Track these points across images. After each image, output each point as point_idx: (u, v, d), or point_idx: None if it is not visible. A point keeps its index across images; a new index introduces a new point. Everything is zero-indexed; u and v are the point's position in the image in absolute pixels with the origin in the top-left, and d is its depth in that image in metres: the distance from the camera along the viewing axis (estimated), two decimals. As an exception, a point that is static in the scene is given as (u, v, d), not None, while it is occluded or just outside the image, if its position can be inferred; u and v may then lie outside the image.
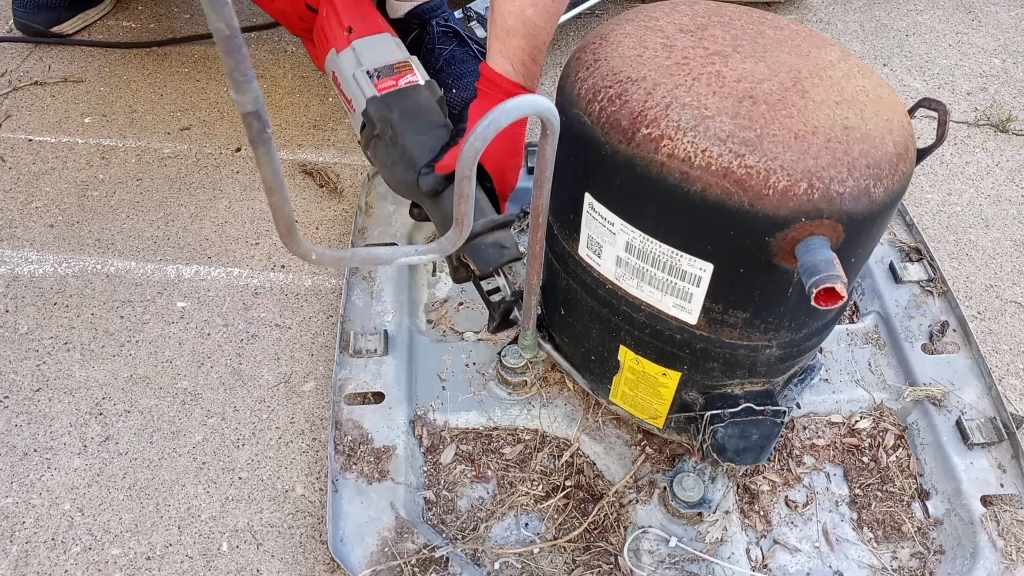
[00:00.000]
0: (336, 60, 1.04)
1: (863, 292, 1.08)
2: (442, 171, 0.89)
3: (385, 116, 0.95)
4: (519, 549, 0.84)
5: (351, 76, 1.00)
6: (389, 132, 0.95)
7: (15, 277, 1.10)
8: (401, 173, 0.94)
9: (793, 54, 0.65)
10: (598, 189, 0.67)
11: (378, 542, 0.81)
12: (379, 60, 1.01)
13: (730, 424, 0.76)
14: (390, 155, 0.95)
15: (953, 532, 0.86)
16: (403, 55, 1.03)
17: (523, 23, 0.87)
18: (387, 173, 0.98)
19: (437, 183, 0.89)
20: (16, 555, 0.84)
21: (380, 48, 1.03)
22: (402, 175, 0.94)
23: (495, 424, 0.93)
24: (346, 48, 1.03)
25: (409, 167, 0.93)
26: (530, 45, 0.88)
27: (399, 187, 0.97)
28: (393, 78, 0.98)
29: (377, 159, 0.99)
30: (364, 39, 1.03)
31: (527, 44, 0.88)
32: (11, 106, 1.36)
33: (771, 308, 0.67)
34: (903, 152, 0.62)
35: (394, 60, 1.01)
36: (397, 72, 0.99)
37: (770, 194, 0.58)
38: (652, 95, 0.61)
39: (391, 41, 1.05)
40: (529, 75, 0.90)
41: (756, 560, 0.84)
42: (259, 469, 0.91)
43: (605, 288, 0.74)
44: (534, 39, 0.88)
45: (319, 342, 1.04)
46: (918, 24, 1.63)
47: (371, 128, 0.97)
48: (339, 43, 1.04)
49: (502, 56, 0.89)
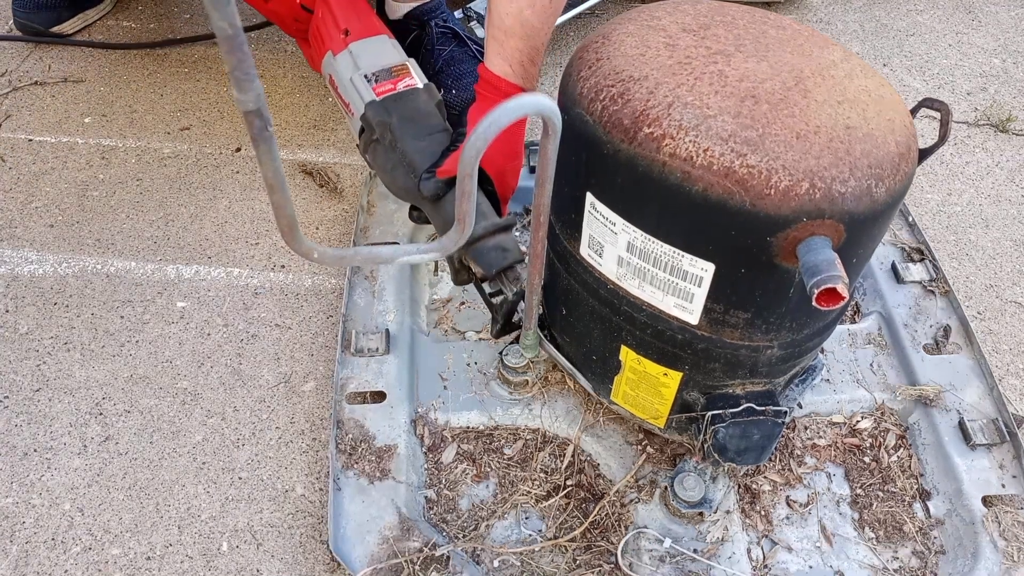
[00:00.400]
0: (333, 63, 1.04)
1: (865, 292, 1.08)
2: (443, 176, 0.89)
3: (384, 121, 0.95)
4: (520, 548, 0.84)
5: (348, 80, 1.00)
6: (388, 137, 0.95)
7: (15, 277, 1.10)
8: (401, 178, 0.94)
9: (795, 54, 0.65)
10: (600, 188, 0.67)
11: (379, 541, 0.81)
12: (376, 63, 1.00)
13: (731, 424, 0.75)
14: (390, 160, 0.95)
15: (954, 532, 0.86)
16: (400, 58, 1.03)
17: (521, 24, 0.86)
18: (387, 177, 0.98)
19: (438, 188, 0.89)
20: (16, 555, 0.84)
21: (377, 51, 1.03)
22: (402, 180, 0.94)
23: (496, 423, 0.93)
24: (343, 51, 1.03)
25: (409, 172, 0.93)
26: (528, 46, 0.88)
27: (399, 192, 0.97)
28: (391, 81, 0.98)
29: (376, 163, 0.99)
30: (361, 42, 1.03)
31: (525, 45, 0.88)
32: (11, 106, 1.36)
33: (772, 308, 0.67)
34: (905, 152, 0.62)
35: (392, 63, 1.01)
36: (395, 75, 0.99)
37: (772, 194, 0.58)
38: (654, 94, 0.61)
39: (388, 43, 1.05)
40: (528, 76, 0.90)
41: (757, 560, 0.84)
42: (259, 469, 0.91)
43: (607, 288, 0.74)
44: (532, 40, 0.88)
45: (319, 342, 1.04)
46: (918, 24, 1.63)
47: (370, 133, 0.97)
48: (335, 46, 1.04)
49: (500, 58, 0.89)
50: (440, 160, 0.90)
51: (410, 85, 0.98)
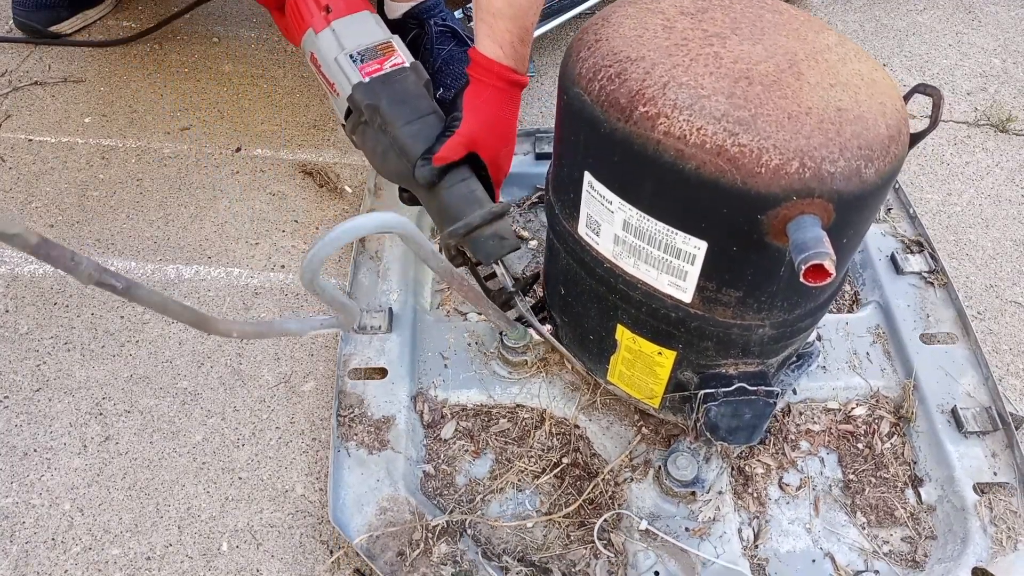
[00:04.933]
0: (315, 41, 1.01)
1: (864, 283, 1.09)
2: (439, 163, 0.90)
3: (373, 104, 0.94)
4: (515, 523, 0.85)
5: (333, 60, 0.99)
6: (378, 120, 0.94)
7: (15, 277, 1.10)
8: (393, 162, 0.94)
9: (790, 37, 0.67)
10: (597, 167, 0.69)
11: (376, 511, 0.83)
12: (361, 42, 0.99)
13: (723, 403, 0.77)
14: (380, 143, 0.96)
15: (945, 518, 0.87)
16: (385, 35, 1.01)
17: (509, 4, 0.87)
18: (377, 161, 0.98)
19: (433, 175, 0.90)
20: (16, 555, 0.84)
21: (361, 28, 1.01)
22: (395, 164, 0.95)
23: (495, 402, 0.95)
24: (325, 29, 1.00)
25: (402, 156, 0.93)
26: (517, 27, 0.88)
27: (391, 175, 0.98)
28: (378, 61, 0.97)
29: (366, 146, 0.99)
30: (344, 19, 1.01)
31: (514, 26, 0.88)
32: (11, 106, 1.36)
33: (763, 287, 0.68)
34: (896, 135, 0.64)
35: (377, 41, 0.99)
36: (381, 54, 0.97)
37: (762, 172, 0.59)
38: (650, 74, 0.63)
39: (371, 19, 1.03)
40: (519, 57, 0.91)
41: (748, 540, 0.85)
42: (259, 469, 0.92)
43: (603, 267, 0.75)
44: (521, 20, 0.88)
45: (319, 342, 1.04)
46: (918, 24, 1.63)
47: (358, 115, 0.96)
48: (317, 23, 1.02)
49: (490, 40, 0.90)
50: (435, 146, 0.91)
51: (397, 64, 0.98)
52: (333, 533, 0.86)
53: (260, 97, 1.40)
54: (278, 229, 1.17)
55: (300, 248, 1.15)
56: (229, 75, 1.44)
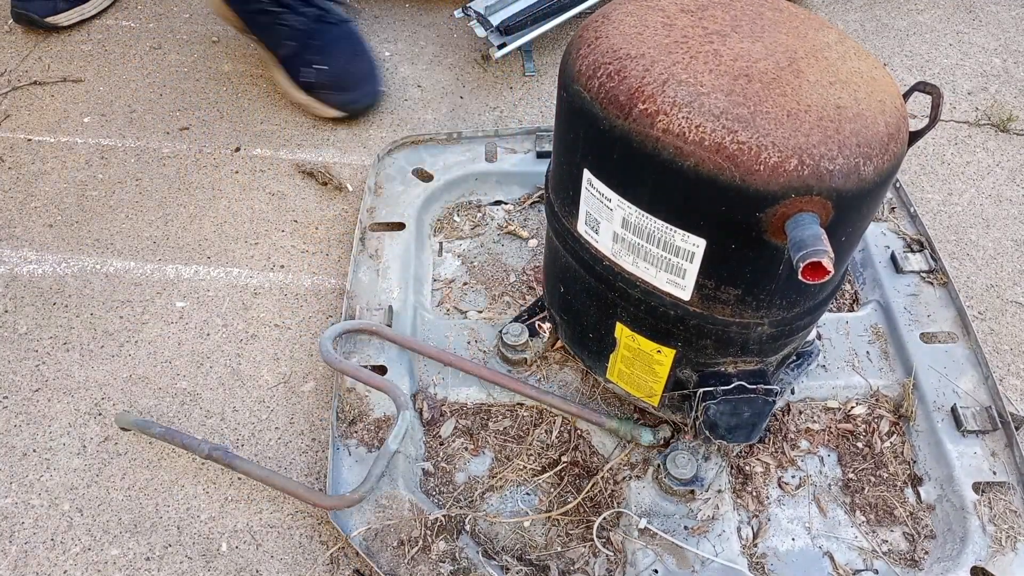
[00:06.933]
0: None
1: (864, 281, 1.09)
2: None
3: None
4: (513, 520, 0.85)
5: None
6: None
7: (14, 277, 1.10)
8: None
9: (790, 35, 0.67)
10: (596, 165, 0.69)
11: (375, 508, 0.83)
12: None
13: (722, 401, 0.77)
14: None
15: (944, 517, 0.87)
16: None
17: None
18: None
19: None
20: (15, 555, 0.84)
21: None
22: None
23: (494, 400, 0.95)
24: None
25: None
26: None
27: None
28: None
29: None
30: None
31: None
32: (10, 106, 1.36)
33: (762, 285, 0.68)
34: (895, 133, 0.64)
35: None
36: None
37: (761, 170, 0.59)
38: (650, 72, 0.63)
39: None
40: None
41: (747, 539, 0.85)
42: None
43: (602, 265, 0.75)
44: None
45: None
46: (918, 24, 1.63)
47: None
48: None
49: None
50: None
51: None
52: (333, 533, 0.86)
53: (259, 97, 1.40)
54: (277, 229, 1.17)
55: (300, 248, 1.15)
56: (228, 75, 1.44)
